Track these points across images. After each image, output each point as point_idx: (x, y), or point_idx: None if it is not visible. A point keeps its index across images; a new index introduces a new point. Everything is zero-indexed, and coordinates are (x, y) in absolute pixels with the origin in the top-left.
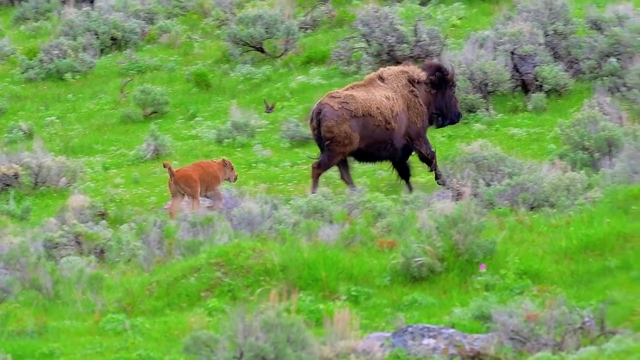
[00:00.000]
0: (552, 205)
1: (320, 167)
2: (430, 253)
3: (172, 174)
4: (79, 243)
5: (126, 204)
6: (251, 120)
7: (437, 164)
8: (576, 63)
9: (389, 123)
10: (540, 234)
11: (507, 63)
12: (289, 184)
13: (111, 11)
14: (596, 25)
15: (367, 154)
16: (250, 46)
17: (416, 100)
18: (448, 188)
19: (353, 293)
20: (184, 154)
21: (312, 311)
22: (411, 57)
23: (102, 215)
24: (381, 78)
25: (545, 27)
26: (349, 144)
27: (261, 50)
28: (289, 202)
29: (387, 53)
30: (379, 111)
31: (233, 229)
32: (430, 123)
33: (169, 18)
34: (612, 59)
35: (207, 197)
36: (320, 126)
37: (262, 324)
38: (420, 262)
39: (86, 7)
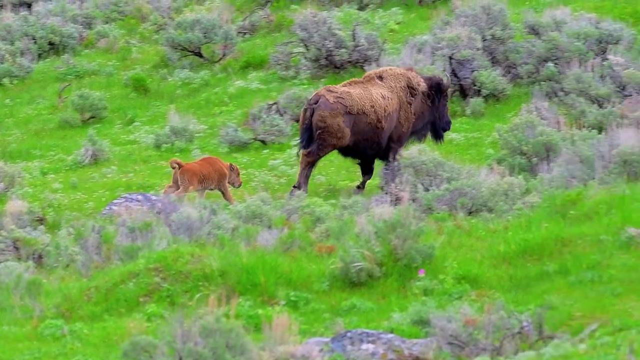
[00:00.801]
0: (490, 210)
1: (310, 155)
2: (369, 258)
3: (180, 166)
4: (17, 248)
5: (64, 209)
6: (189, 125)
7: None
8: (514, 68)
9: (380, 122)
10: (478, 238)
11: (445, 68)
12: None
13: (49, 16)
14: (534, 30)
15: (354, 150)
16: (189, 51)
17: (409, 106)
18: (386, 193)
19: (292, 298)
20: (123, 159)
21: (251, 316)
22: (349, 62)
23: (40, 221)
24: (380, 77)
25: (483, 32)
26: (341, 138)
27: (199, 55)
28: (228, 207)
29: (326, 58)
30: (373, 109)
31: (172, 234)
32: (421, 135)
33: (106, 23)
34: (550, 64)
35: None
36: (314, 115)
37: (201, 329)
38: (359, 267)
39: (24, 12)
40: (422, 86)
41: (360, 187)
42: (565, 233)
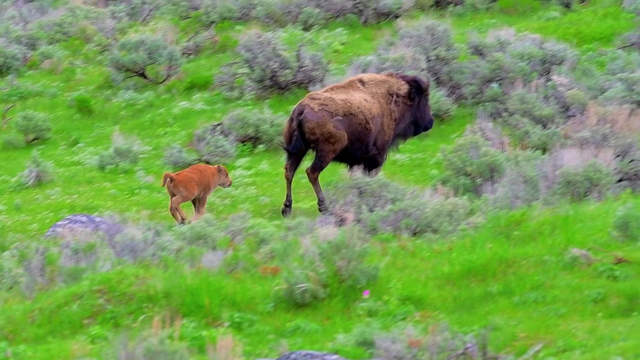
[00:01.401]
0: (434, 231)
1: (315, 171)
2: (314, 279)
3: (172, 179)
4: None
5: (8, 231)
6: (134, 146)
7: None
8: (458, 88)
9: (368, 123)
10: (423, 259)
11: None
12: None
13: None
14: (478, 51)
15: (346, 153)
16: (133, 72)
17: (390, 112)
18: (331, 214)
19: (236, 319)
20: (67, 181)
21: (195, 338)
22: (294, 82)
23: None
24: (362, 82)
25: (427, 52)
26: (337, 142)
27: (144, 76)
28: (172, 229)
29: (270, 78)
30: (360, 110)
31: (116, 255)
32: (405, 136)
33: (51, 44)
34: (494, 84)
35: (193, 202)
36: (302, 127)
37: (145, 351)
38: (304, 288)
39: None
40: (403, 90)
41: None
42: (509, 254)
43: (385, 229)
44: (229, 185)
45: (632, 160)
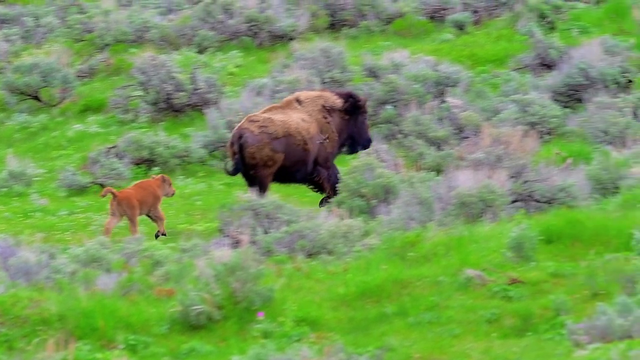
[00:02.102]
0: (329, 253)
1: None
2: (209, 301)
3: (115, 195)
4: None
5: None
6: (28, 169)
7: (334, 192)
8: None
9: (307, 144)
10: (318, 281)
11: None
12: (66, 233)
13: None
14: (372, 73)
15: (286, 173)
16: (27, 95)
17: (329, 126)
18: (226, 236)
19: (131, 342)
20: None
21: None
22: (189, 105)
23: None
24: (298, 101)
25: (322, 74)
26: (273, 165)
27: (37, 99)
28: (67, 251)
29: (165, 101)
30: (298, 131)
31: (10, 278)
32: (341, 150)
33: None
34: (389, 106)
35: (150, 217)
36: (243, 151)
37: None
38: (199, 310)
39: None
40: (338, 103)
41: (324, 201)
42: (404, 275)
43: (280, 251)
44: (173, 195)
45: (526, 182)
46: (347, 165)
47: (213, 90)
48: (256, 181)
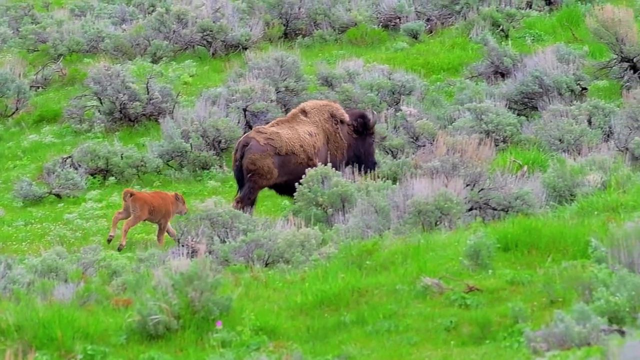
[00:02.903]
0: (287, 261)
1: (242, 202)
2: (166, 311)
3: (132, 194)
4: None
5: None
6: None
7: None
8: None
9: (311, 160)
10: (275, 290)
11: (239, 120)
12: (22, 243)
13: None
14: (327, 82)
15: (287, 188)
16: None
17: (336, 134)
18: (183, 245)
19: (89, 352)
20: None
21: None
22: (144, 114)
23: None
24: (304, 112)
25: (277, 83)
26: (270, 178)
27: None
28: (23, 262)
29: (120, 111)
30: (302, 149)
31: None
32: (347, 165)
33: None
34: None
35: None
36: (244, 158)
37: None
38: (156, 320)
39: None
40: (346, 117)
41: None
42: (361, 283)
43: (238, 260)
44: (185, 213)
45: (481, 189)
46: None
47: (168, 99)
48: (246, 187)
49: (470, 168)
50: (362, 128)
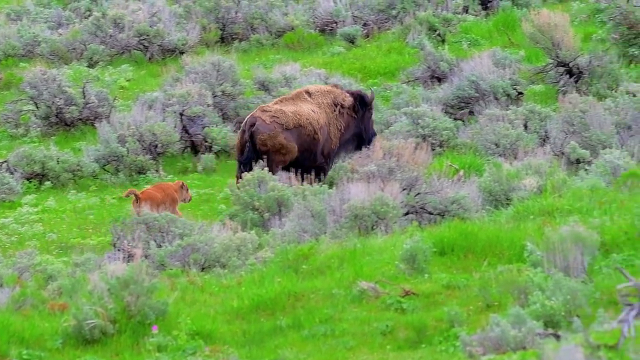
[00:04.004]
0: (223, 266)
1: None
2: (102, 315)
3: (137, 197)
4: None
5: None
6: None
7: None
8: None
9: (316, 134)
10: (212, 294)
11: (176, 124)
12: None
13: None
14: (264, 86)
15: (296, 162)
16: None
17: (336, 121)
18: (119, 250)
19: (24, 357)
20: None
21: None
22: (80, 119)
23: None
24: (308, 93)
25: (213, 88)
26: (287, 154)
27: None
28: None
29: (56, 115)
30: (309, 122)
31: None
32: (349, 147)
33: None
34: None
35: None
36: (254, 139)
37: None
38: (92, 324)
39: None
40: (348, 101)
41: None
42: (298, 287)
43: (174, 264)
44: (189, 200)
45: (418, 194)
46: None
47: (104, 104)
48: (268, 166)
49: (407, 172)
50: (361, 106)
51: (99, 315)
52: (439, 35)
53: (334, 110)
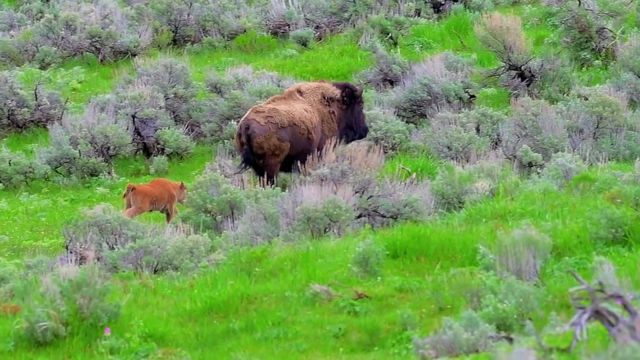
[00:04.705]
0: (176, 268)
1: (267, 185)
2: (54, 317)
3: (133, 188)
4: None
5: None
6: None
7: None
8: (197, 126)
9: (310, 133)
10: (164, 296)
11: (128, 126)
12: None
13: None
14: (216, 89)
15: (291, 162)
16: None
17: (329, 116)
18: (71, 252)
19: None
20: None
21: None
22: (32, 121)
23: None
24: (299, 92)
25: (165, 90)
26: (281, 154)
27: None
28: None
29: (8, 117)
30: (302, 121)
31: None
32: (341, 139)
33: None
34: (233, 122)
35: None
36: (250, 142)
37: None
38: (45, 326)
39: None
40: (337, 94)
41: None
42: (250, 290)
43: (126, 267)
44: (183, 201)
45: (370, 197)
46: (192, 180)
47: (56, 106)
48: (265, 170)
49: (359, 175)
50: (350, 98)
51: (51, 317)
52: (391, 38)
53: (326, 105)
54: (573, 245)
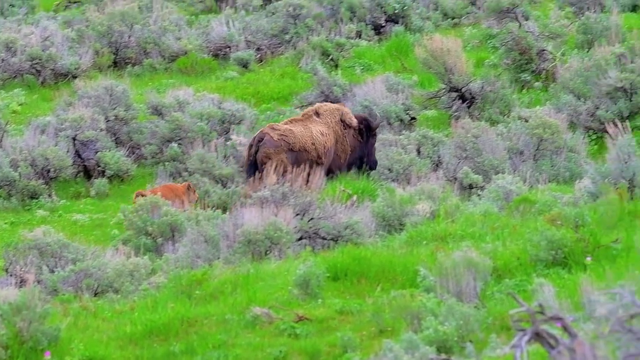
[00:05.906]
0: (116, 291)
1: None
2: None
3: (142, 194)
4: None
5: None
6: None
7: None
8: (138, 148)
9: (320, 158)
10: (104, 319)
11: (69, 149)
12: None
13: None
14: (157, 111)
15: None
16: None
17: (344, 138)
18: (11, 275)
19: None
20: None
21: None
22: None
23: None
24: (317, 113)
25: (106, 112)
26: (283, 173)
27: None
28: None
29: None
30: (314, 147)
31: None
32: (350, 168)
33: None
34: (174, 144)
35: None
36: (259, 150)
37: None
38: None
39: None
40: (354, 122)
41: None
42: (191, 313)
43: (67, 290)
44: (195, 202)
45: (311, 219)
46: (132, 203)
47: None
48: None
49: (300, 197)
50: (366, 130)
51: None
52: (332, 60)
53: (342, 128)
54: (513, 267)
